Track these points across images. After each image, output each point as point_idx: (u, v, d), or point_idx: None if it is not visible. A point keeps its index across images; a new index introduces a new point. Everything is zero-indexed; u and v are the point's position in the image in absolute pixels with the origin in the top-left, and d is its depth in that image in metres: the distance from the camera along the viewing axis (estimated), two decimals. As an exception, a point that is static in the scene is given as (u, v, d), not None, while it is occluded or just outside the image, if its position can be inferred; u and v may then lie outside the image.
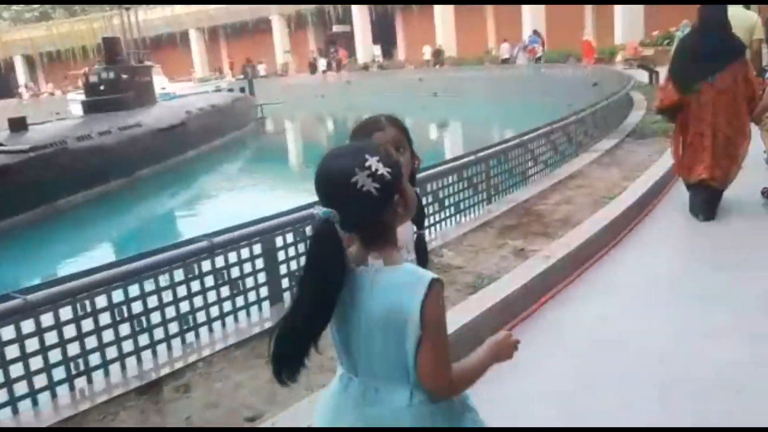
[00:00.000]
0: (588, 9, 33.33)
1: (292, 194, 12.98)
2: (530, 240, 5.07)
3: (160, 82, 34.25)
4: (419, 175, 5.35)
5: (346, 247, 1.45)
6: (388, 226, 1.48)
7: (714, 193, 5.30)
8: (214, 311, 3.80)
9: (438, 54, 35.22)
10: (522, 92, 25.02)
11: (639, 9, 27.82)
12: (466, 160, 5.78)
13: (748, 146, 5.28)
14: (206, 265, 3.74)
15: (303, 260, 1.51)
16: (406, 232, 1.73)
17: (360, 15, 42.06)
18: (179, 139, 18.84)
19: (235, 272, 3.89)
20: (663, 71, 17.39)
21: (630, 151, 8.30)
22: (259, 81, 36.07)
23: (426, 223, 5.40)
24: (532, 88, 24.56)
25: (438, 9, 37.77)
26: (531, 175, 6.97)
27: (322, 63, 39.37)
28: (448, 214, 5.68)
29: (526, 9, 32.82)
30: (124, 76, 19.25)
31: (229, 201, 14.03)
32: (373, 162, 1.41)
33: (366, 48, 41.75)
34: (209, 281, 3.77)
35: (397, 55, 43.55)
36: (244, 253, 3.92)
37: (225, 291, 3.85)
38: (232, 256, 3.87)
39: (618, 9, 28.17)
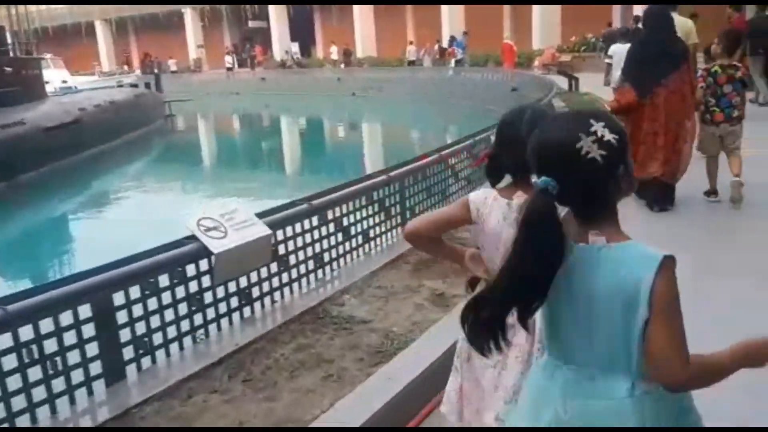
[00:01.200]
0: (506, 13, 33.30)
1: (190, 205, 11.72)
2: (451, 280, 4.21)
3: (60, 75, 31.96)
4: (318, 201, 4.46)
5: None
6: (611, 200, 1.37)
7: (666, 187, 5.52)
8: (18, 402, 2.73)
9: (348, 54, 34.35)
10: (441, 95, 24.51)
11: (556, 15, 27.81)
12: (376, 180, 4.88)
13: (692, 144, 5.55)
14: (5, 340, 2.67)
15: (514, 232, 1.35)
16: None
17: (277, 12, 40.71)
18: (72, 138, 17.12)
19: (51, 346, 2.82)
20: (583, 77, 17.34)
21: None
22: (169, 77, 34.23)
23: (328, 258, 4.52)
24: (452, 90, 24.06)
25: (357, 7, 36.92)
26: (452, 194, 6.15)
27: (228, 60, 37.78)
28: (354, 245, 4.77)
29: (446, 11, 32.42)
30: (8, 69, 17.36)
31: (116, 214, 12.54)
32: (598, 127, 1.32)
33: (283, 45, 40.43)
34: (11, 361, 2.70)
35: (315, 53, 42.45)
36: (66, 318, 2.86)
37: (37, 372, 2.79)
38: (47, 324, 2.81)
39: (536, 14, 28.07)
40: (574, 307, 1.36)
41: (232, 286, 3.64)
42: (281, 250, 4.09)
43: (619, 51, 11.22)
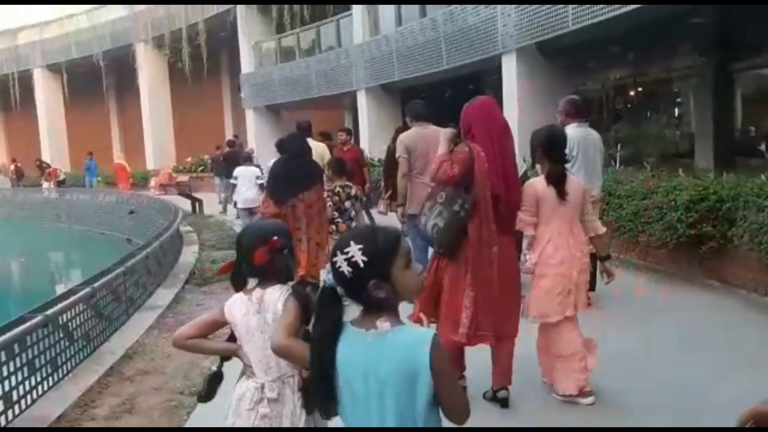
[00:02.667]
0: (115, 131, 31.76)
1: None
2: None
3: None
4: None
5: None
6: (377, 301, 1.64)
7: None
8: None
9: None
10: (46, 218, 21.49)
11: (170, 135, 27.32)
12: (112, 275, 3.36)
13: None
14: None
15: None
16: None
17: None
18: None
19: None
20: (207, 198, 16.73)
21: (197, 303, 6.56)
22: None
23: None
24: (58, 213, 21.28)
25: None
26: (64, 363, 4.58)
27: None
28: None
29: (45, 129, 29.51)
30: None
31: None
32: (353, 249, 1.64)
33: None
34: None
35: None
36: None
37: None
38: None
39: (147, 133, 27.17)
40: (367, 389, 1.62)
41: None
42: None
43: (243, 172, 10.99)
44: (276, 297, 2.20)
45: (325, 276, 1.69)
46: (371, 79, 17.52)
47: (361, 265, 1.60)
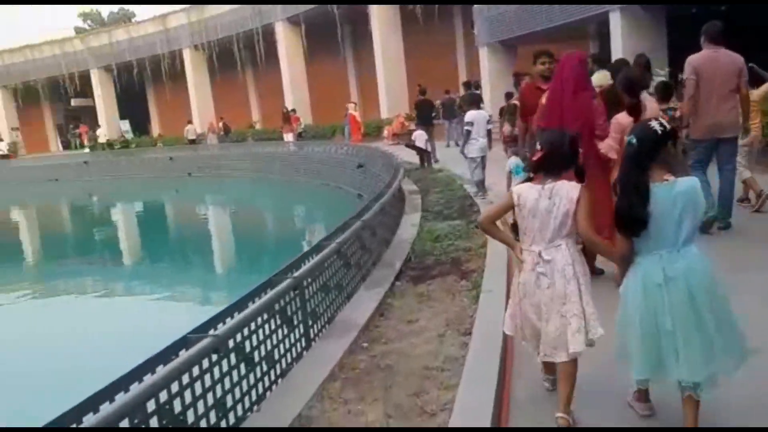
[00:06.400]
0: (352, 82, 31.63)
1: None
2: None
3: None
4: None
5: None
6: (666, 158, 2.71)
7: None
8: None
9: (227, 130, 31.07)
10: (286, 172, 21.85)
11: (402, 82, 26.23)
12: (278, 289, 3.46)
13: None
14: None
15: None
16: None
17: (102, 87, 36.85)
18: None
19: None
20: (439, 145, 15.17)
21: (408, 319, 4.62)
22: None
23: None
24: (296, 167, 21.46)
25: (191, 81, 33.88)
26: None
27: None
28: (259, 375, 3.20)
29: (287, 81, 30.16)
30: None
31: None
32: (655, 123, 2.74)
33: (112, 123, 36.39)
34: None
35: (151, 130, 38.74)
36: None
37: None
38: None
39: (381, 81, 26.34)
40: (671, 217, 2.64)
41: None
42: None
43: (477, 117, 9.25)
44: (567, 188, 2.92)
45: (628, 137, 2.77)
46: (629, -4, 14.39)
47: (660, 132, 2.66)
